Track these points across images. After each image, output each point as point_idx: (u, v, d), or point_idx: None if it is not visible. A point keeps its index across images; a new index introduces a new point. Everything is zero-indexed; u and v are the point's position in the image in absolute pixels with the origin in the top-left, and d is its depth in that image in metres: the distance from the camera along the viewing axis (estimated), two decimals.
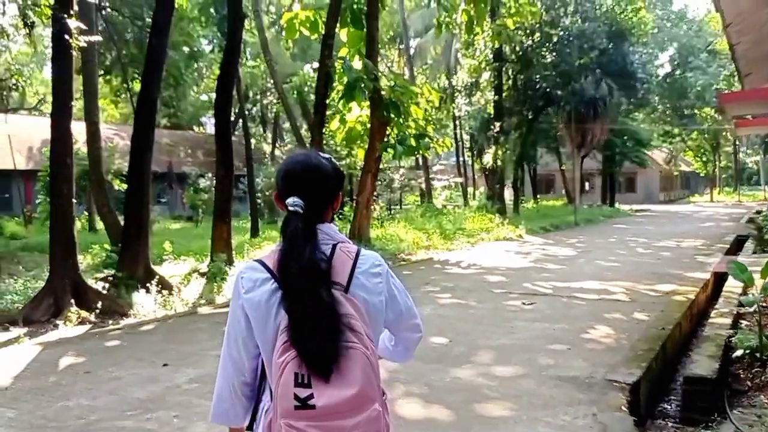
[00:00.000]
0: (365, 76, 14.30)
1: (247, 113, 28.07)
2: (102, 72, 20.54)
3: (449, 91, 36.12)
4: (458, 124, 39.80)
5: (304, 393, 1.51)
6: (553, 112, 31.47)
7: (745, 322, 7.18)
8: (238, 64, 14.56)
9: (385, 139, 15.50)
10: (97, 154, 14.57)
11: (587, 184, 47.22)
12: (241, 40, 13.58)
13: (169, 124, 34.20)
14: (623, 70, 29.19)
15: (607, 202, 38.53)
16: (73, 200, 9.22)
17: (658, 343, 6.27)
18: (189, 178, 28.93)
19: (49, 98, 10.04)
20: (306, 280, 1.61)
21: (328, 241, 1.73)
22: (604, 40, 27.24)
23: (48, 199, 20.68)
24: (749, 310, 7.66)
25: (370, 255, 1.78)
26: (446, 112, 35.92)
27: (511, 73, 27.89)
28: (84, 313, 8.51)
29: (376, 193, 19.03)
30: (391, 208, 27.73)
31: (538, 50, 26.98)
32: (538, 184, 47.47)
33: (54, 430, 4.43)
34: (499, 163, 26.68)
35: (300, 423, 1.51)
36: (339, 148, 25.78)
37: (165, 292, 9.55)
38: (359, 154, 17.46)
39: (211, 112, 41.83)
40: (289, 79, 29.65)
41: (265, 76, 35.31)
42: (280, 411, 1.53)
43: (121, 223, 13.20)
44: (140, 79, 14.69)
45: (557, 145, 39.33)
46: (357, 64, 14.95)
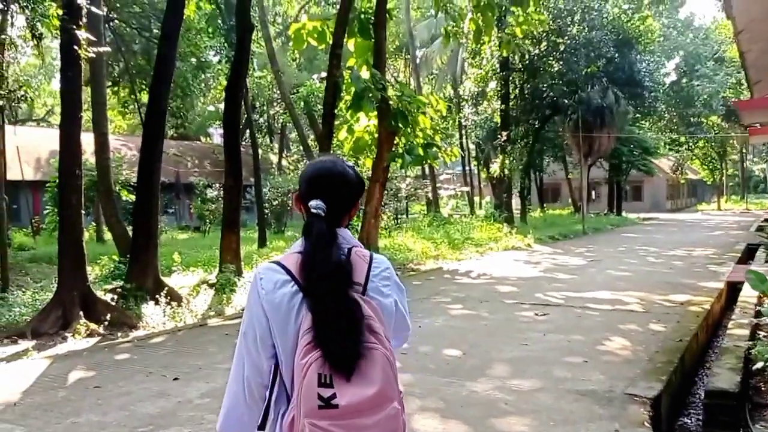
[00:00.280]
0: (373, 86, 14.26)
1: (254, 123, 28.03)
2: (110, 83, 20.53)
3: (455, 100, 36.13)
4: (464, 133, 39.77)
5: (327, 393, 1.55)
6: (560, 121, 31.37)
7: (763, 333, 7.07)
8: (246, 75, 14.52)
9: (393, 149, 15.45)
10: (106, 165, 14.53)
11: (593, 192, 47.07)
12: (249, 51, 13.55)
13: (176, 135, 34.21)
14: (630, 78, 29.12)
15: (614, 211, 38.35)
16: (82, 211, 9.19)
17: (677, 355, 6.16)
18: (196, 188, 28.91)
19: (57, 109, 10.06)
20: (331, 281, 1.66)
21: (344, 245, 1.77)
22: (611, 49, 27.17)
23: (56, 210, 20.75)
24: (765, 319, 7.57)
25: (382, 259, 1.84)
26: (452, 121, 35.89)
27: (517, 82, 27.84)
28: (93, 326, 8.45)
29: (383, 203, 18.95)
30: (398, 217, 27.64)
31: (545, 59, 26.93)
32: (544, 193, 47.36)
33: None
34: (506, 172, 26.59)
35: (323, 422, 1.54)
36: (346, 158, 25.74)
37: (174, 304, 9.49)
38: (367, 163, 17.39)
39: (218, 122, 42.10)
40: (296, 90, 29.68)
41: (271, 86, 35.36)
42: (304, 411, 1.56)
43: (130, 233, 13.18)
44: (148, 90, 14.69)
45: (563, 154, 39.23)
46: (364, 74, 14.91)
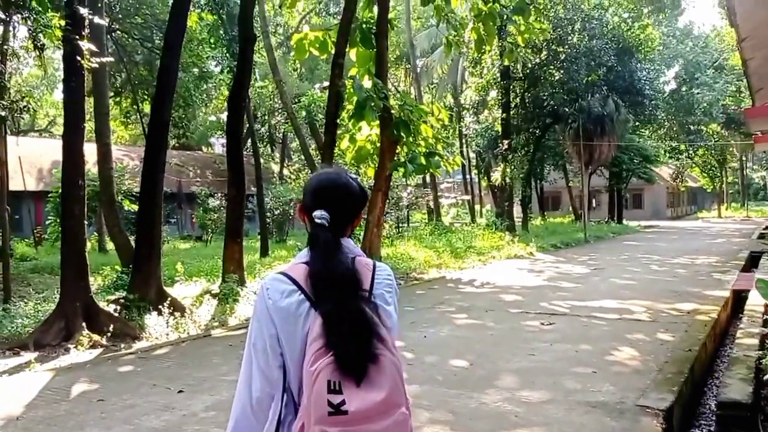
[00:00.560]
0: (375, 95, 14.25)
1: (256, 133, 28.04)
2: (112, 93, 20.57)
3: (456, 109, 36.16)
4: (465, 142, 39.79)
5: (337, 399, 1.57)
6: (560, 130, 31.38)
7: None
8: (249, 85, 14.52)
9: (396, 158, 15.42)
10: (108, 175, 14.53)
11: (594, 200, 47.02)
12: (252, 61, 13.56)
13: (178, 145, 34.25)
14: (630, 86, 29.14)
15: (615, 219, 38.31)
16: (85, 221, 9.15)
17: (687, 365, 6.09)
18: (198, 197, 28.91)
19: (59, 120, 10.04)
20: (341, 288, 1.69)
21: (348, 254, 1.81)
22: (612, 57, 27.18)
23: (58, 220, 20.72)
24: None
25: (384, 267, 1.88)
26: (452, 130, 35.91)
27: (518, 90, 27.86)
28: (95, 337, 8.39)
29: (385, 212, 18.90)
30: (400, 226, 27.60)
31: (546, 68, 26.95)
32: (545, 201, 47.35)
33: None
34: (507, 180, 26.56)
35: (333, 429, 1.56)
36: (348, 167, 25.74)
37: (177, 314, 9.42)
38: (369, 172, 17.36)
39: (220, 132, 42.17)
40: (298, 99, 29.71)
41: (272, 96, 35.40)
42: (314, 418, 1.58)
43: (132, 244, 13.14)
44: (151, 100, 14.68)
45: (564, 162, 39.21)
46: (366, 83, 14.91)
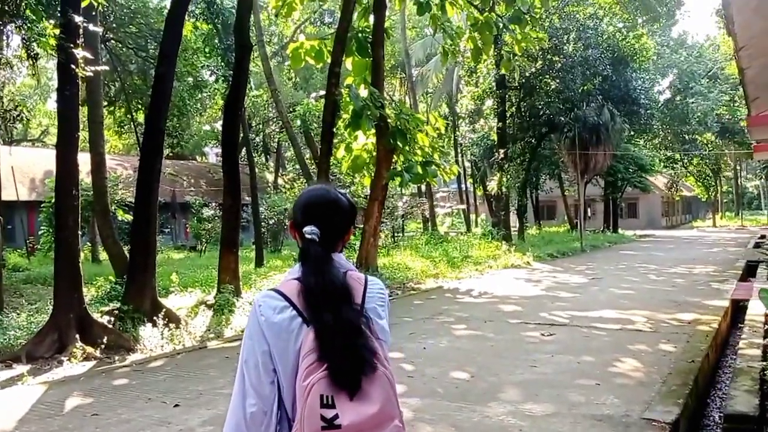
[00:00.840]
0: (371, 104, 14.20)
1: (251, 142, 27.93)
2: (106, 102, 20.44)
3: (451, 118, 36.17)
4: (460, 151, 39.79)
5: (330, 413, 1.57)
6: (556, 139, 31.38)
7: None
8: (245, 94, 14.44)
9: (392, 167, 15.36)
10: (102, 185, 14.39)
11: (589, 209, 47.02)
12: (248, 70, 13.49)
13: (171, 154, 34.11)
14: (626, 96, 29.16)
15: (610, 228, 38.32)
16: (78, 232, 9.02)
17: (691, 377, 6.01)
18: (192, 207, 28.76)
19: (52, 129, 9.93)
20: (333, 300, 1.69)
21: (340, 269, 1.81)
22: (607, 67, 27.21)
23: (51, 231, 20.55)
24: None
25: (376, 281, 1.88)
26: (447, 139, 35.90)
27: (514, 99, 27.86)
28: (89, 349, 8.26)
29: (381, 221, 18.81)
30: (395, 235, 27.51)
31: (541, 77, 26.97)
32: (540, 210, 47.34)
33: None
34: (504, 189, 26.52)
35: None
36: (343, 177, 25.66)
37: (172, 326, 9.27)
38: (365, 182, 17.29)
39: (214, 141, 42.03)
40: (292, 109, 29.65)
41: (267, 105, 35.34)
42: None
43: (126, 254, 13.00)
44: (146, 108, 14.57)
45: (559, 171, 39.24)
46: (363, 92, 14.86)
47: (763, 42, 10.42)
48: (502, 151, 26.21)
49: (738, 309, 11.23)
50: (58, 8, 10.15)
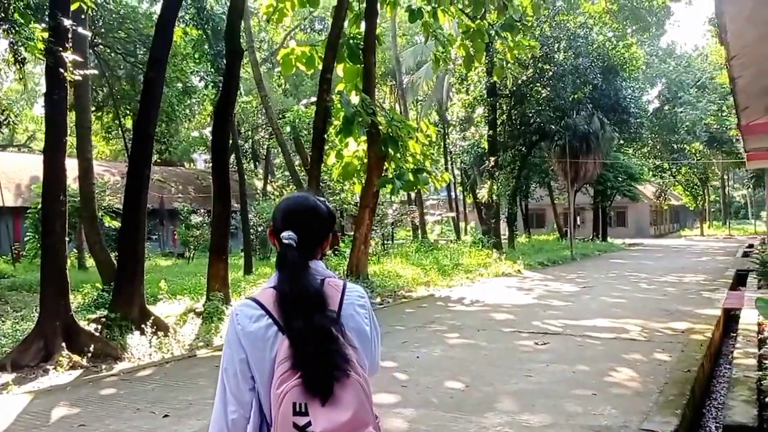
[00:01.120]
0: (363, 111, 14.13)
1: (240, 149, 27.76)
2: (94, 108, 20.24)
3: (441, 126, 36.16)
4: (450, 159, 39.79)
5: (303, 421, 1.59)
6: (546, 147, 31.45)
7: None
8: (236, 99, 14.34)
9: (383, 174, 15.28)
10: (90, 191, 14.20)
11: (578, 218, 47.14)
12: (239, 76, 13.38)
13: (160, 160, 33.88)
14: (616, 104, 29.29)
15: (599, 236, 38.41)
16: (66, 238, 8.87)
17: (687, 387, 5.95)
18: (181, 214, 28.54)
19: (39, 135, 9.77)
20: (306, 307, 1.71)
21: (317, 276, 1.83)
22: (598, 76, 27.33)
23: (37, 237, 20.30)
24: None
25: (356, 288, 1.89)
26: (437, 147, 35.88)
27: (505, 107, 27.88)
28: (76, 358, 8.10)
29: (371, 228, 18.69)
30: (385, 243, 27.40)
31: (532, 85, 27.02)
32: (530, 218, 47.40)
33: None
34: (494, 197, 26.49)
35: None
36: (333, 183, 25.57)
37: (160, 334, 9.13)
38: (356, 189, 17.20)
39: (203, 148, 41.78)
40: (282, 115, 29.52)
41: (256, 111, 35.19)
42: None
43: (114, 261, 12.82)
44: (135, 114, 14.41)
45: (549, 180, 39.32)
46: (354, 98, 14.80)
47: (755, 51, 10.44)
48: (492, 158, 26.19)
49: (729, 318, 11.23)
50: (47, 12, 10.01)
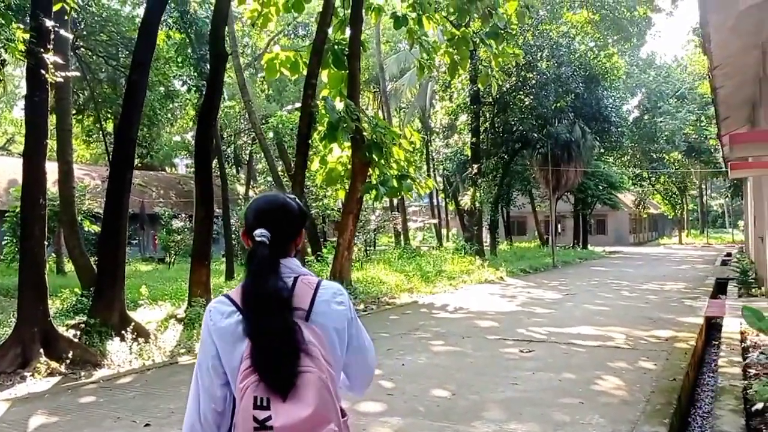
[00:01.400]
0: (347, 117, 14.08)
1: (222, 153, 27.58)
2: (74, 111, 19.99)
3: (424, 133, 36.21)
4: (432, 165, 39.88)
5: (263, 415, 1.63)
6: (528, 155, 31.62)
7: (753, 371, 6.92)
8: (219, 103, 14.22)
9: (367, 180, 15.23)
10: (70, 195, 13.99)
11: (559, 225, 47.42)
12: (223, 79, 13.27)
13: (141, 165, 33.59)
14: (597, 113, 29.53)
15: (580, 244, 38.65)
16: (45, 242, 8.71)
17: (674, 395, 5.95)
18: (162, 218, 28.29)
19: (18, 138, 9.58)
20: (267, 306, 1.73)
21: (290, 274, 1.85)
22: (580, 85, 27.53)
23: (14, 241, 19.97)
24: (755, 358, 7.44)
25: (331, 285, 1.90)
26: (420, 154, 35.93)
27: (488, 115, 27.98)
28: (54, 364, 7.93)
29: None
30: (367, 249, 27.35)
31: (515, 93, 27.16)
32: (511, 225, 47.59)
33: None
34: (477, 204, 26.55)
35: None
36: (315, 189, 25.48)
37: (141, 340, 8.98)
38: (340, 194, 17.14)
39: (185, 152, 41.49)
40: (265, 120, 29.40)
41: (239, 116, 35.02)
42: None
43: (93, 265, 12.63)
44: (116, 118, 14.20)
45: (530, 187, 39.55)
46: (338, 104, 14.75)
47: (738, 61, 10.59)
48: (475, 166, 26.26)
49: (710, 326, 11.30)
50: (28, 13, 9.86)
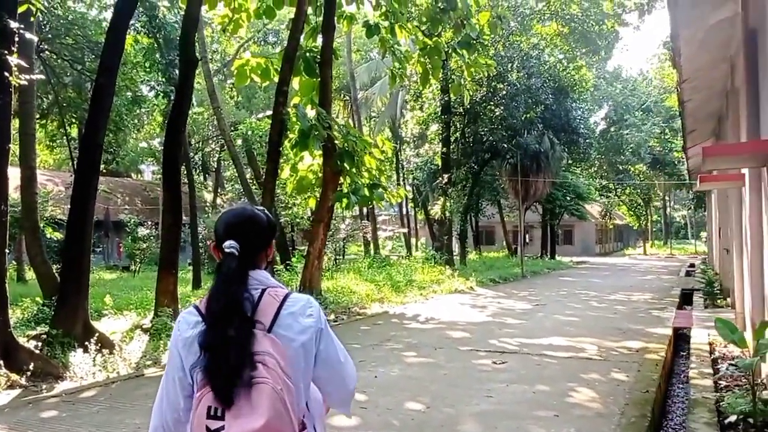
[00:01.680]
0: (319, 124, 13.97)
1: (190, 160, 27.21)
2: (38, 116, 19.52)
3: (394, 142, 36.22)
4: (402, 175, 39.90)
5: (215, 425, 1.66)
6: (498, 165, 31.82)
7: (724, 383, 6.97)
8: (189, 109, 13.99)
9: (338, 189, 15.12)
10: (32, 201, 13.59)
11: (527, 235, 47.79)
12: (193, 85, 13.04)
13: (106, 171, 32.98)
14: (566, 125, 29.86)
15: (548, 254, 38.99)
16: (6, 250, 8.42)
17: (648, 408, 5.96)
18: (127, 226, 27.76)
19: None
20: (223, 317, 1.74)
21: (257, 286, 1.86)
22: (549, 96, 27.83)
23: None
24: (724, 370, 7.50)
25: (300, 297, 1.90)
26: (390, 163, 35.91)
27: (458, 125, 28.09)
28: (14, 376, 7.64)
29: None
30: (337, 258, 27.17)
31: (486, 104, 27.31)
32: (479, 235, 47.80)
33: None
34: (447, 214, 26.58)
35: None
36: (285, 197, 25.27)
37: (105, 351, 8.73)
38: (310, 203, 16.99)
39: (151, 159, 40.83)
40: (234, 128, 29.10)
41: (207, 123, 34.63)
42: None
43: (56, 274, 12.28)
44: (81, 123, 13.86)
45: (499, 197, 39.81)
46: (310, 112, 14.64)
47: (706, 75, 10.75)
48: (446, 175, 26.31)
49: (678, 336, 11.41)
50: None
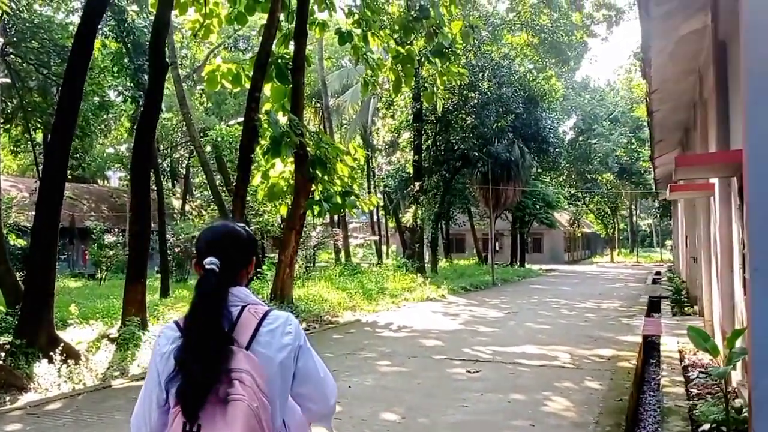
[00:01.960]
0: (291, 131, 13.86)
1: (159, 167, 26.84)
2: (1, 120, 19.09)
3: (366, 150, 36.21)
4: (373, 182, 39.90)
5: None
6: (469, 173, 31.97)
7: (696, 391, 7.03)
8: (159, 115, 13.76)
9: (310, 196, 15.01)
10: None
11: (497, 243, 48.07)
12: (163, 90, 12.83)
13: (71, 177, 32.34)
14: (536, 134, 30.16)
15: (517, 262, 39.26)
16: None
17: (622, 417, 5.97)
18: (93, 233, 27.21)
19: None
20: (198, 334, 1.76)
21: (237, 303, 1.87)
22: (520, 105, 28.08)
23: None
24: (696, 378, 7.58)
25: (280, 315, 1.90)
26: (361, 171, 35.88)
27: (430, 133, 28.17)
28: None
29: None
30: (308, 266, 26.99)
31: (457, 113, 27.44)
32: (450, 243, 47.94)
33: None
34: (419, 222, 26.60)
35: None
36: (256, 204, 25.03)
37: (71, 362, 8.49)
38: (282, 210, 16.84)
39: (118, 165, 40.24)
40: (204, 134, 28.80)
41: (176, 129, 34.23)
42: None
43: (20, 282, 11.96)
44: (46, 127, 13.56)
45: (469, 205, 40.01)
46: (281, 119, 14.52)
47: (673, 87, 10.93)
48: (417, 183, 26.35)
49: (647, 344, 11.53)
50: None
